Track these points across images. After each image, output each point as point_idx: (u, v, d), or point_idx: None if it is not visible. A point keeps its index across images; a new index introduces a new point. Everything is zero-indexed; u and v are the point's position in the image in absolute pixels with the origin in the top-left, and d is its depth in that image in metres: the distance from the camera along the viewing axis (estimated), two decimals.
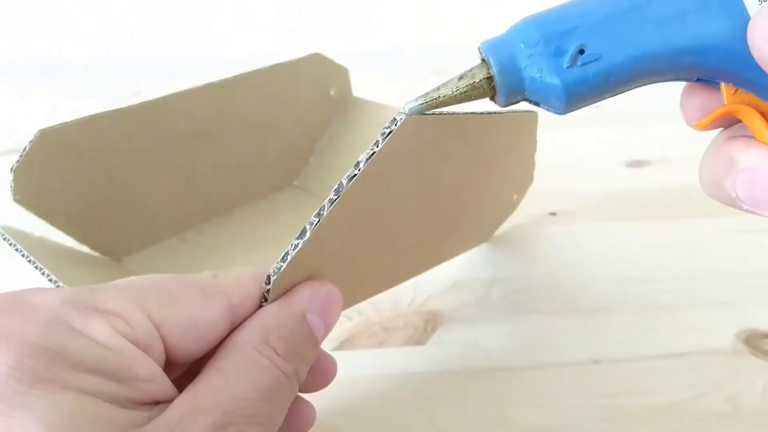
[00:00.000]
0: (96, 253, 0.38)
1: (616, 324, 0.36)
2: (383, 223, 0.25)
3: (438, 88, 0.22)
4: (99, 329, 0.18)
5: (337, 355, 0.34)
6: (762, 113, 0.21)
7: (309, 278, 0.22)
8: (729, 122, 0.22)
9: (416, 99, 0.22)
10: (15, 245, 0.31)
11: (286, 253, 0.21)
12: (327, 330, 0.22)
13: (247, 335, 0.20)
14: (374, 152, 0.21)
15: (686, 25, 0.20)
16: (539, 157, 0.36)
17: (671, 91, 0.34)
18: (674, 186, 0.50)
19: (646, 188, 0.50)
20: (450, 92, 0.21)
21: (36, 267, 0.30)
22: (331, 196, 0.21)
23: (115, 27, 0.87)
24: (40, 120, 0.36)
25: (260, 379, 0.19)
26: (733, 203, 0.21)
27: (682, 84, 0.23)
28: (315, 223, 0.21)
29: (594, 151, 0.55)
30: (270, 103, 0.43)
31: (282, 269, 0.21)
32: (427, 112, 0.21)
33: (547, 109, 0.22)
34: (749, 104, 0.21)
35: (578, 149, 0.55)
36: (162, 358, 0.19)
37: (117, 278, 0.21)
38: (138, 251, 0.40)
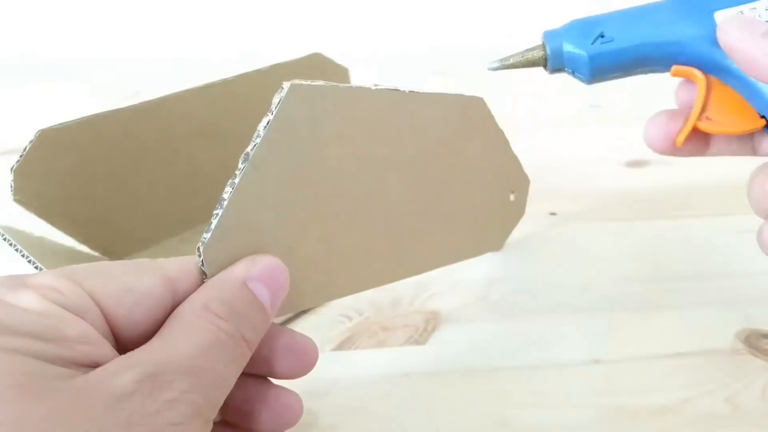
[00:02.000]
0: (96, 253, 0.38)
1: (616, 324, 0.36)
2: (333, 204, 0.26)
3: (508, 57, 0.33)
4: (28, 298, 0.19)
5: (337, 355, 0.34)
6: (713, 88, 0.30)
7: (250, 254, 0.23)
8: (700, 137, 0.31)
9: (494, 61, 0.33)
10: (15, 245, 0.31)
11: (210, 224, 0.22)
12: (274, 297, 0.22)
13: (188, 305, 0.21)
14: (269, 120, 0.23)
15: (674, 27, 0.30)
16: (539, 157, 0.37)
17: (671, 91, 0.34)
18: (674, 186, 0.50)
19: (646, 188, 0.50)
20: (517, 60, 0.33)
21: (36, 267, 0.30)
22: (240, 164, 0.22)
23: (115, 27, 0.87)
24: (40, 120, 0.36)
25: (198, 337, 0.20)
26: None
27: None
28: (230, 192, 0.22)
29: (594, 151, 0.55)
30: (270, 104, 0.43)
31: (207, 240, 0.21)
32: (338, 85, 0.25)
33: (579, 78, 0.32)
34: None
35: (578, 149, 0.55)
36: (100, 323, 0.20)
37: None
38: (138, 251, 0.40)
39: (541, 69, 0.32)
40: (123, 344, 0.20)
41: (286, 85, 0.23)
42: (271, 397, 0.24)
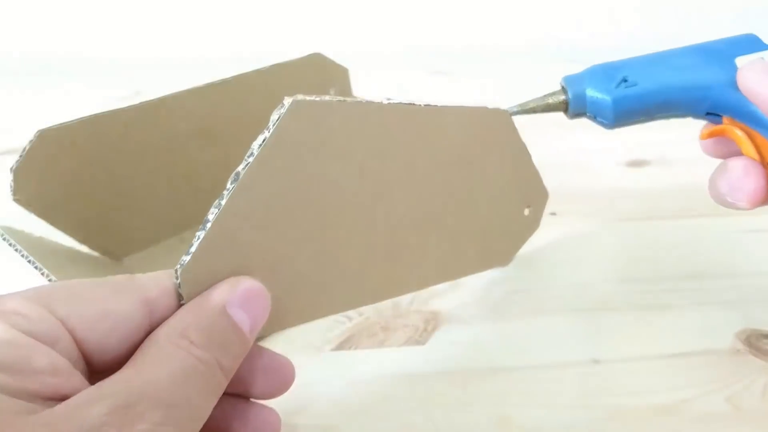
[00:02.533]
0: (96, 253, 0.38)
1: (616, 324, 0.36)
2: (332, 222, 0.24)
3: (528, 102, 0.33)
4: None
5: (337, 355, 0.34)
6: (749, 135, 0.30)
7: (232, 275, 0.22)
8: (723, 143, 0.32)
9: (513, 106, 0.33)
10: (15, 245, 0.31)
11: (190, 246, 0.20)
12: (254, 323, 0.21)
13: (164, 331, 0.20)
14: (265, 138, 0.21)
15: (695, 72, 0.31)
16: (539, 157, 0.36)
17: None
18: (674, 186, 0.50)
19: (646, 188, 0.50)
20: (536, 104, 0.33)
21: (36, 267, 0.30)
22: (228, 185, 0.21)
23: (115, 27, 0.87)
24: (40, 120, 0.36)
25: (173, 366, 0.19)
26: (723, 200, 0.30)
27: None
28: (215, 213, 0.20)
29: (594, 151, 0.55)
30: (270, 103, 0.43)
31: (186, 263, 0.20)
32: (338, 98, 0.23)
33: (601, 122, 0.33)
34: (740, 129, 0.30)
35: (578, 149, 0.55)
36: (72, 352, 0.19)
37: None
38: (138, 251, 0.40)
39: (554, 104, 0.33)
40: (96, 370, 0.20)
41: (287, 101, 0.21)
42: (250, 415, 0.24)
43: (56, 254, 0.34)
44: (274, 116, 0.21)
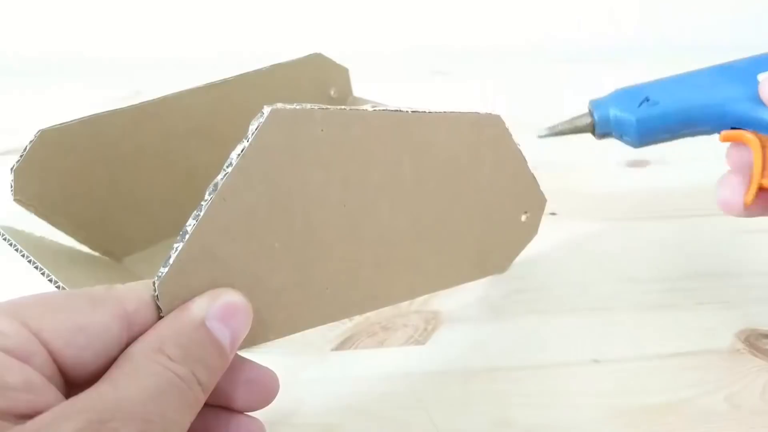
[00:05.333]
0: (96, 253, 0.38)
1: (616, 324, 0.36)
2: (316, 233, 0.24)
3: (556, 125, 0.35)
4: None
5: (337, 355, 0.34)
6: None
7: (211, 288, 0.21)
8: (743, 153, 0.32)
9: (542, 129, 0.35)
10: (15, 245, 0.31)
11: (168, 258, 0.20)
12: (234, 337, 0.21)
13: (140, 346, 0.19)
14: (244, 148, 0.20)
15: (717, 88, 0.32)
16: (539, 157, 0.36)
17: None
18: (674, 186, 0.50)
19: (646, 188, 0.50)
20: (564, 127, 0.35)
21: (36, 267, 0.30)
22: (207, 195, 0.20)
23: (115, 27, 0.87)
24: (40, 120, 0.36)
25: (149, 381, 0.18)
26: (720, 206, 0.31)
27: None
28: (193, 225, 0.20)
29: (594, 151, 0.55)
30: (270, 103, 0.43)
31: (164, 275, 0.20)
32: (321, 107, 0.22)
33: (627, 142, 0.34)
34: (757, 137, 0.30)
35: (578, 149, 0.55)
36: (48, 367, 0.18)
37: (117, 278, 0.21)
38: (138, 251, 0.40)
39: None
40: (72, 384, 0.19)
41: (266, 109, 0.21)
42: (232, 426, 0.23)
43: (57, 254, 0.34)
44: (253, 125, 0.21)
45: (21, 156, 0.33)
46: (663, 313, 0.37)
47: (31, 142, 0.33)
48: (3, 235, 0.31)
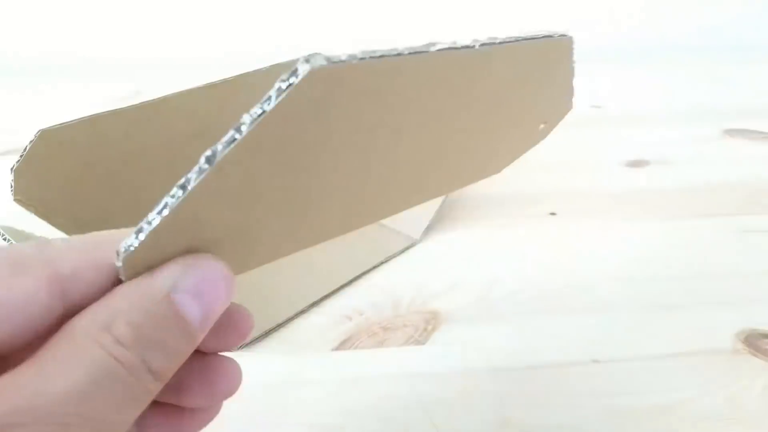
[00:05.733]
0: None
1: (616, 324, 0.36)
2: (327, 176, 0.20)
3: None
4: None
5: (337, 355, 0.34)
6: None
7: (187, 252, 0.17)
8: None
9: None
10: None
11: (140, 229, 0.16)
12: (206, 314, 0.17)
13: (86, 320, 0.15)
14: (263, 112, 0.17)
15: None
16: (539, 157, 0.36)
17: (671, 91, 0.34)
18: (674, 186, 0.50)
19: (646, 188, 0.50)
20: None
21: None
22: (202, 164, 0.17)
23: (115, 27, 0.87)
24: (40, 120, 0.36)
25: (83, 371, 0.14)
26: None
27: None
28: (179, 197, 0.17)
29: (594, 151, 0.55)
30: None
31: (135, 248, 0.16)
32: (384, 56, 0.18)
33: None
34: None
35: (578, 149, 0.55)
36: None
37: None
38: None
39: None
40: (9, 359, 0.16)
41: (302, 68, 0.17)
42: (210, 366, 0.20)
43: None
44: (282, 84, 0.17)
45: (21, 156, 0.33)
46: (663, 312, 0.37)
47: (31, 142, 0.33)
48: (3, 235, 0.31)
